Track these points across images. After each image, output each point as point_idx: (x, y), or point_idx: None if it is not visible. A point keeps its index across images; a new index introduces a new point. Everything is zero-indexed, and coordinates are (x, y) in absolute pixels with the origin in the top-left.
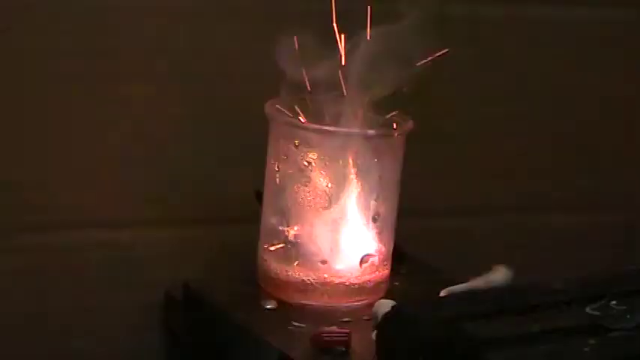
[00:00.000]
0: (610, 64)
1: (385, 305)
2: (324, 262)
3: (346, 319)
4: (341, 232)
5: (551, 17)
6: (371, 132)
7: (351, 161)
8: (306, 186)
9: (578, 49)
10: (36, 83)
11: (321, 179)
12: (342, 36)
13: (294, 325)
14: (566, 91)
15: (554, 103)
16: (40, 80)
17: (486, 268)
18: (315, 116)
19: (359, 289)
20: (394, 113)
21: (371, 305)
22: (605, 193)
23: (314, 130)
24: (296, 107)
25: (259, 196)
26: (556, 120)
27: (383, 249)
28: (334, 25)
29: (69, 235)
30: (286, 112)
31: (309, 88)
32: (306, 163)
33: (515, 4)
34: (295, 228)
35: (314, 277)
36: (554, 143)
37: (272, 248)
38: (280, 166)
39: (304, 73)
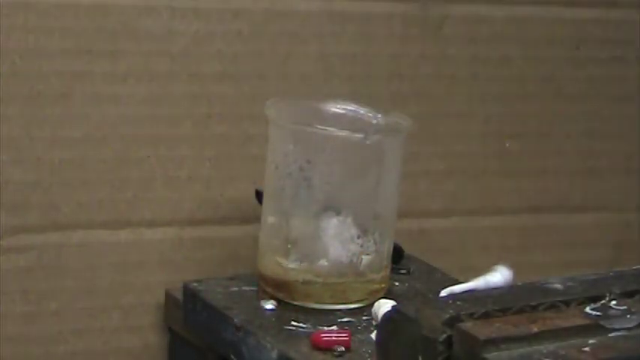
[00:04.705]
0: (610, 64)
1: (385, 305)
2: (323, 262)
3: (346, 319)
4: (341, 233)
5: (551, 17)
6: (370, 132)
7: (350, 161)
8: (306, 186)
9: (578, 49)
10: (36, 83)
11: (321, 179)
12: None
13: (294, 325)
14: (565, 91)
15: (553, 103)
16: (40, 80)
17: (486, 268)
18: (315, 117)
19: (359, 290)
20: (394, 113)
21: (371, 305)
22: (604, 193)
23: (313, 131)
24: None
25: (259, 196)
26: (556, 120)
27: (383, 249)
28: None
29: (69, 235)
30: (286, 112)
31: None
32: (305, 163)
33: (515, 4)
34: (295, 228)
35: (314, 277)
36: (554, 143)
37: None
38: (280, 166)
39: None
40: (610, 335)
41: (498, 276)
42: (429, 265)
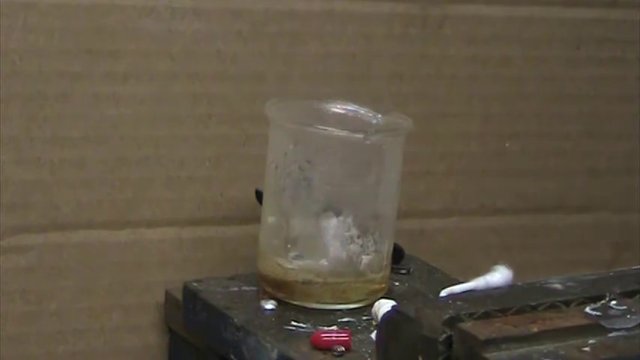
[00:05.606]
0: (610, 64)
1: (385, 305)
2: (323, 262)
3: (346, 319)
4: (341, 233)
5: (551, 17)
6: (370, 132)
7: (350, 161)
8: (306, 186)
9: (578, 49)
10: (36, 83)
11: (321, 179)
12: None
13: (294, 325)
14: (565, 91)
15: (553, 103)
16: (40, 80)
17: (486, 268)
18: (315, 117)
19: (359, 290)
20: (394, 113)
21: (371, 305)
22: (604, 193)
23: (313, 131)
24: (295, 108)
25: (259, 195)
26: (556, 120)
27: (383, 249)
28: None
29: (69, 235)
30: (286, 112)
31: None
32: (305, 163)
33: (515, 4)
34: (295, 228)
35: (314, 277)
36: (554, 143)
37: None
38: (280, 166)
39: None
40: (610, 335)
41: (498, 276)
42: (429, 265)
